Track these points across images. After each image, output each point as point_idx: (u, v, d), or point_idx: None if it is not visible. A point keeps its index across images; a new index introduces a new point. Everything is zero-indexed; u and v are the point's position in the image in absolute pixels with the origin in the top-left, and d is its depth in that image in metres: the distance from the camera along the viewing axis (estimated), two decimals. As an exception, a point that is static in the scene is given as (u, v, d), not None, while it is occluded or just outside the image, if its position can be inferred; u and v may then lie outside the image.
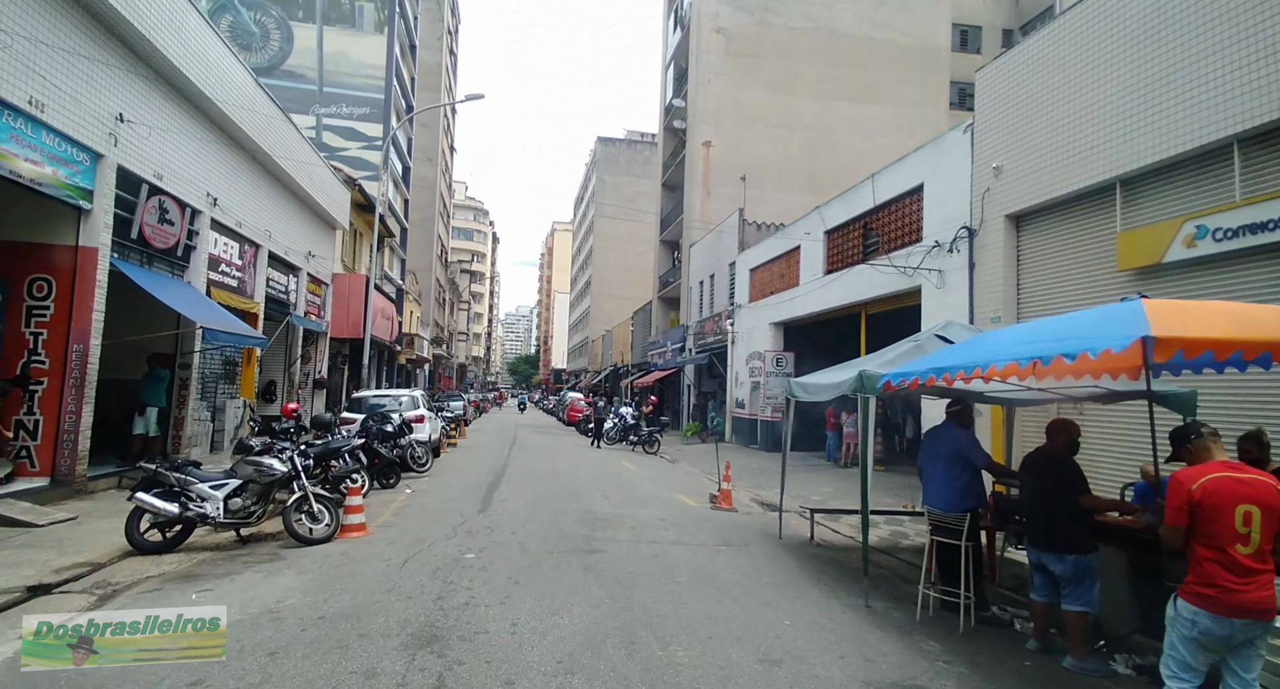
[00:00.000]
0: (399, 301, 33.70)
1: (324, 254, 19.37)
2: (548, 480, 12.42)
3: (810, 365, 22.34)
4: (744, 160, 30.65)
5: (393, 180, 30.96)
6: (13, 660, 3.80)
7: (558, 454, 18.19)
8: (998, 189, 10.96)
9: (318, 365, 19.98)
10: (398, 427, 12.18)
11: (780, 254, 19.88)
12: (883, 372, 5.84)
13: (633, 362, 43.15)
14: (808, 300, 17.78)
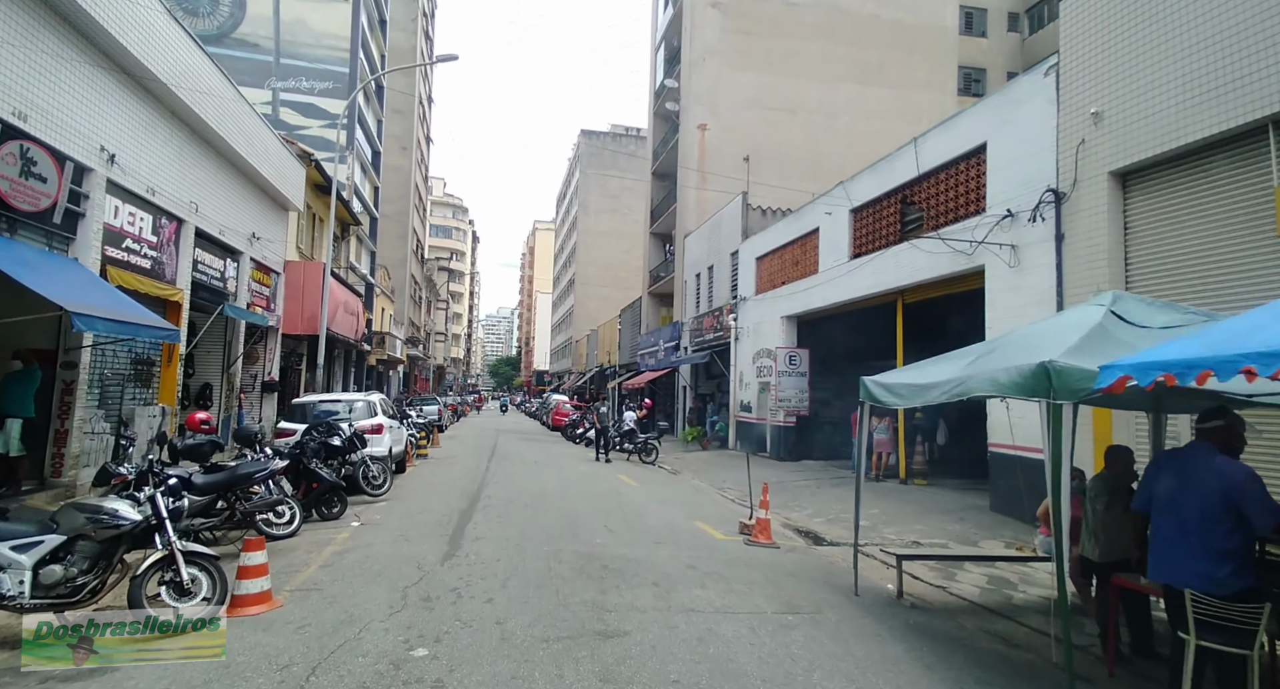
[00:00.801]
0: (368, 297, 31.12)
1: (273, 238, 16.85)
2: (535, 505, 10.07)
3: (830, 364, 20.18)
4: (742, 145, 28.51)
5: (360, 163, 28.39)
6: None
7: (544, 467, 15.82)
8: (1096, 141, 8.84)
9: (267, 366, 17.44)
10: (347, 440, 9.78)
11: (793, 239, 17.71)
12: (1086, 364, 3.61)
13: (620, 362, 40.84)
14: (828, 289, 15.61)
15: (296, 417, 10.74)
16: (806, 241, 17.04)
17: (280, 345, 18.07)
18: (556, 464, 16.66)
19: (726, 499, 12.35)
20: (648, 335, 33.90)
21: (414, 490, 11.17)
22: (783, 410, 17.65)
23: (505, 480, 12.79)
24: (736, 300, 21.40)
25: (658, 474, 15.94)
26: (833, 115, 29.37)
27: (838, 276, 15.13)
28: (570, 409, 33.57)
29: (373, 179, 31.26)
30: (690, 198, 28.61)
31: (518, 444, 22.99)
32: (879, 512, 10.72)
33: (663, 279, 33.02)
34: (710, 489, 13.55)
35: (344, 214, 23.58)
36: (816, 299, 16.18)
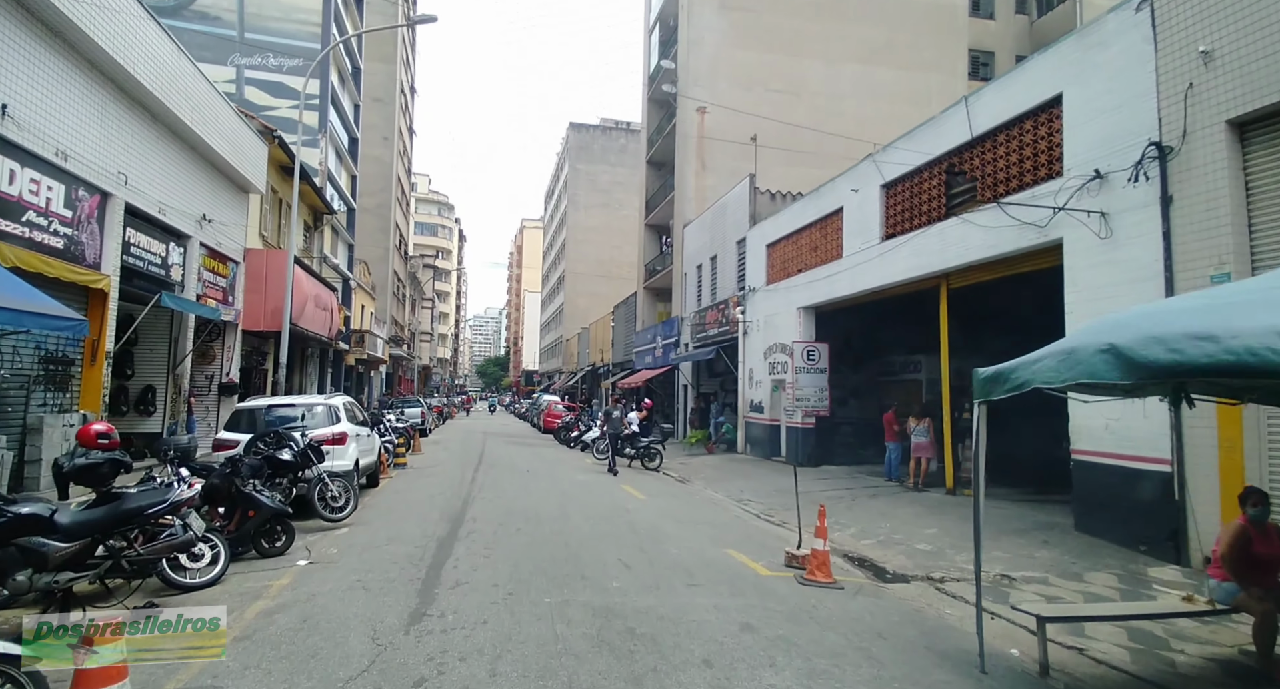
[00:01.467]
0: (346, 292, 29.19)
1: (230, 222, 14.98)
2: (530, 529, 8.32)
3: (852, 359, 17.83)
4: (744, 128, 26.82)
5: (335, 149, 26.46)
6: None
7: (538, 477, 14.06)
8: (1207, 85, 7.23)
9: (225, 366, 15.57)
10: (299, 453, 8.00)
11: (811, 222, 16.05)
12: None
13: (614, 360, 39.12)
14: (855, 276, 13.95)
15: (241, 425, 8.91)
16: (827, 224, 15.37)
17: (240, 343, 16.19)
18: (551, 473, 14.89)
19: (750, 515, 10.68)
20: (644, 332, 32.18)
21: (385, 511, 9.37)
22: (800, 411, 15.96)
23: (494, 495, 11.01)
24: (744, 292, 19.73)
25: (665, 484, 14.23)
26: (838, 98, 27.82)
27: (866, 261, 13.48)
28: (563, 410, 31.80)
29: (349, 167, 29.33)
30: (689, 185, 26.93)
31: (507, 449, 21.19)
32: (938, 531, 9.05)
33: (659, 273, 31.33)
34: (729, 502, 11.86)
35: (315, 201, 21.72)
36: (840, 287, 14.52)
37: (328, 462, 8.67)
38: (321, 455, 8.29)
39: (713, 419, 22.99)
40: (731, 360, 20.22)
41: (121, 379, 12.67)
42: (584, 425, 23.27)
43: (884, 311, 16.43)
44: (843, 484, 13.40)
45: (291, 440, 8.14)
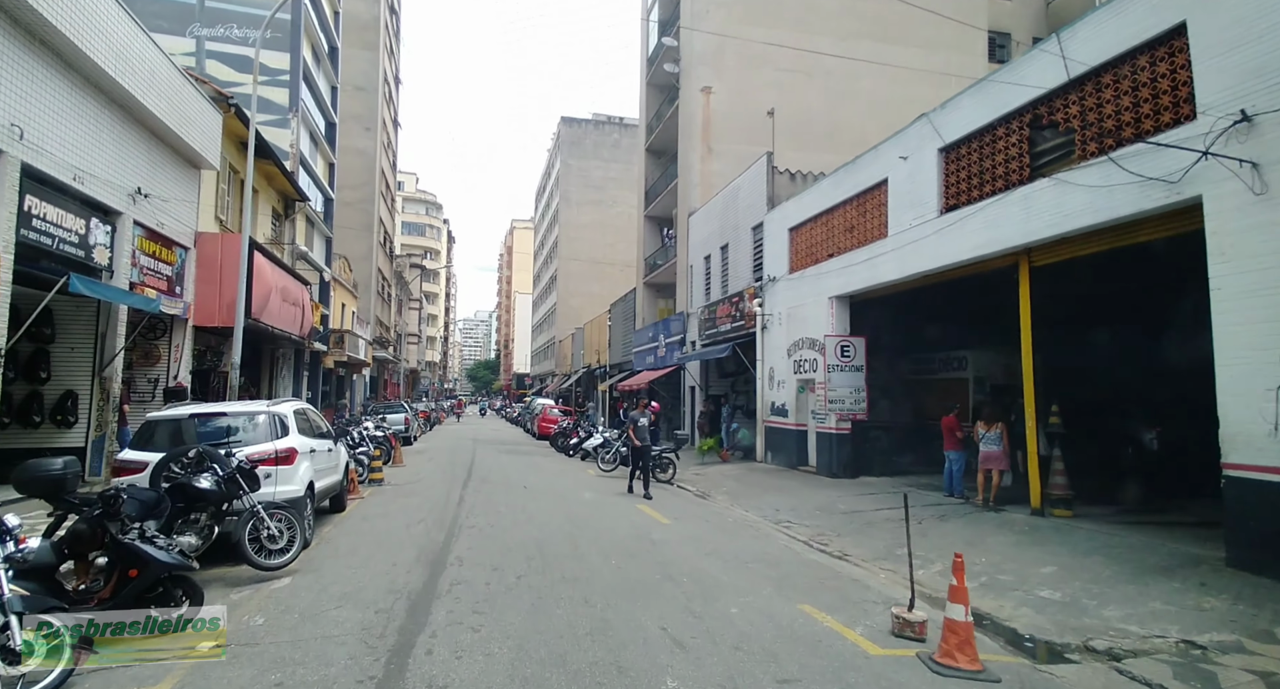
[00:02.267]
0: (324, 289, 27.02)
1: (175, 199, 12.86)
2: (536, 579, 6.28)
3: (887, 354, 15.55)
4: (752, 110, 24.92)
5: (309, 132, 24.32)
6: None
7: (538, 495, 12.00)
8: None
9: (173, 368, 13.44)
10: (224, 479, 5.94)
11: (845, 199, 14.11)
12: None
13: (611, 362, 37.08)
14: (904, 257, 12.02)
15: (154, 441, 6.80)
16: (866, 200, 13.44)
17: (192, 341, 14.06)
18: (552, 488, 12.85)
19: (799, 543, 8.71)
20: (644, 331, 30.17)
21: (345, 550, 7.30)
22: (834, 414, 14.04)
23: (486, 522, 8.96)
24: (762, 282, 17.77)
25: (684, 501, 12.23)
26: (853, 78, 25.97)
27: (919, 239, 11.54)
28: (559, 415, 29.78)
29: (326, 153, 27.20)
30: (693, 171, 24.99)
31: (500, 459, 19.11)
32: (1058, 569, 7.07)
33: (660, 267, 29.35)
34: (767, 525, 9.88)
35: (285, 186, 19.60)
36: (884, 271, 12.58)
37: (267, 488, 6.61)
38: (256, 481, 6.22)
39: (724, 423, 21.02)
40: (747, 358, 18.25)
41: (33, 383, 10.55)
42: (584, 431, 21.27)
43: (925, 301, 14.55)
44: (892, 501, 11.43)
45: (215, 462, 6.07)
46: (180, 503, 5.74)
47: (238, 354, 12.59)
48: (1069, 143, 9.06)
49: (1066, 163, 8.97)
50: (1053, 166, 9.16)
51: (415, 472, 15.28)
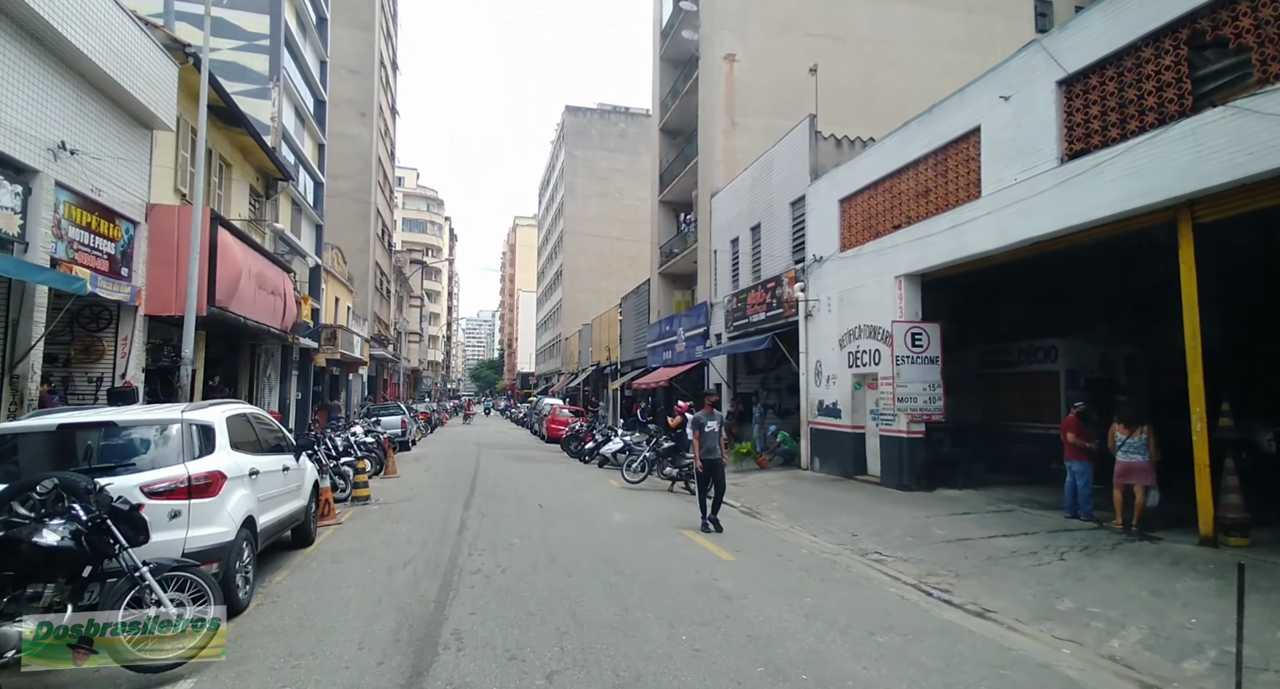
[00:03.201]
0: (314, 280, 24.88)
1: (117, 157, 10.68)
2: (572, 673, 4.07)
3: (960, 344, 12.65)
4: (779, 79, 22.76)
5: (294, 107, 22.14)
6: None
7: (558, 518, 9.78)
8: None
9: (122, 364, 11.29)
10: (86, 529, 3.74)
11: (919, 158, 11.87)
12: None
13: (622, 359, 34.88)
14: (1006, 220, 9.79)
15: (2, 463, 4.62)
16: (949, 155, 11.19)
17: (145, 332, 11.89)
18: (573, 507, 10.64)
19: (907, 585, 6.54)
20: (660, 324, 27.98)
21: (291, 619, 5.07)
22: (903, 415, 11.81)
23: (494, 565, 6.74)
24: (805, 264, 15.54)
25: (733, 521, 10.00)
26: (889, 43, 23.73)
27: (1030, 195, 9.31)
28: (569, 415, 27.60)
29: (315, 133, 25.04)
30: (716, 147, 22.76)
31: (507, 467, 16.92)
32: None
33: (677, 256, 27.13)
34: (850, 557, 7.69)
35: (265, 162, 17.43)
36: (976, 240, 10.34)
37: (171, 534, 4.43)
38: (141, 527, 4.04)
39: (756, 424, 18.81)
40: (789, 351, 16.02)
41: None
42: (600, 435, 19.08)
43: (1006, 280, 12.36)
44: (1002, 524, 9.21)
45: (80, 500, 3.89)
46: (8, 570, 3.56)
47: (189, 346, 10.44)
48: (1243, 63, 6.83)
49: (1243, 89, 6.75)
50: (1228, 93, 6.94)
51: (410, 485, 13.08)
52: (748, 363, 20.71)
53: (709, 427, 9.10)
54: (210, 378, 16.74)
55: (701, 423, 9.11)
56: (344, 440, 13.77)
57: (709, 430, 9.09)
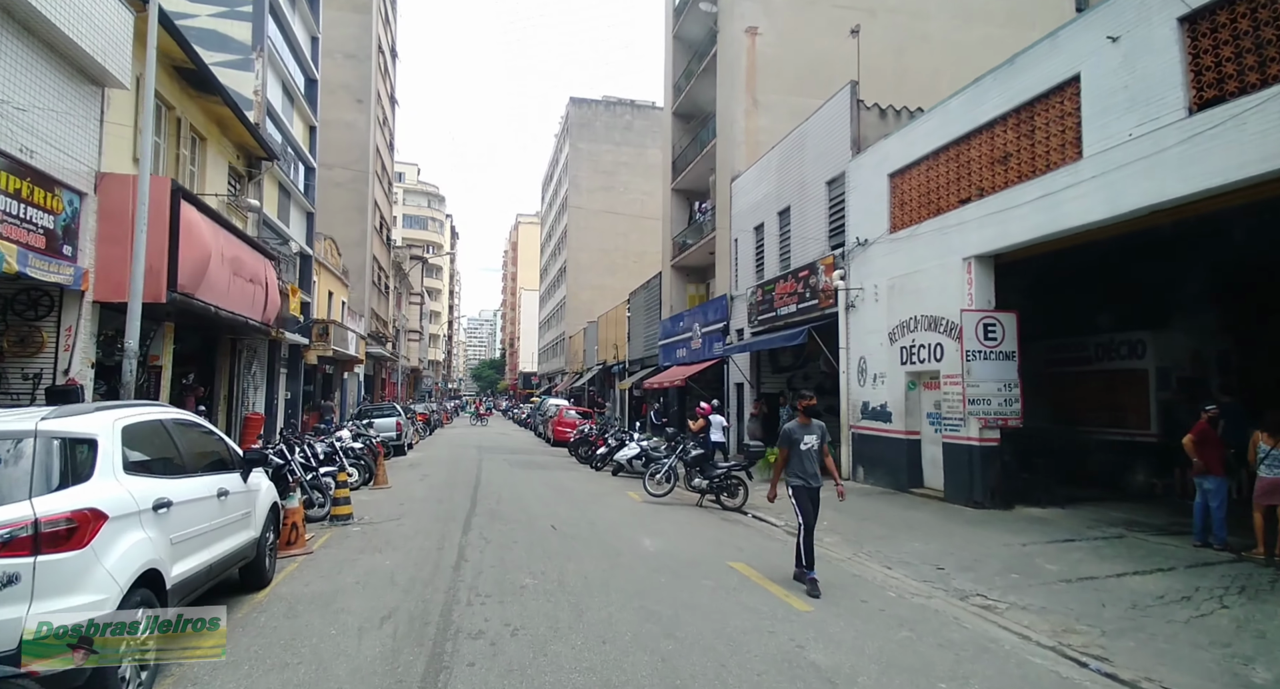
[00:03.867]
0: (304, 271, 23.26)
1: (53, 110, 9.04)
2: None
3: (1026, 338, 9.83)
4: (805, 55, 21.23)
5: (281, 82, 20.51)
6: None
7: (576, 546, 8.11)
8: None
9: (65, 358, 9.67)
10: None
11: (995, 118, 10.18)
12: None
13: (630, 357, 33.24)
14: (1119, 186, 8.13)
15: None
16: (1036, 112, 9.51)
17: (95, 321, 10.26)
18: (594, 529, 8.97)
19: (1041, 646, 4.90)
20: (672, 320, 26.33)
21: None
22: (975, 418, 10.15)
23: (501, 624, 5.03)
24: (846, 249, 13.89)
25: (782, 546, 8.39)
26: (921, 18, 22.11)
27: (1151, 153, 7.64)
28: (577, 417, 25.96)
29: (306, 114, 23.41)
30: (737, 128, 21.11)
31: (512, 475, 15.26)
32: None
33: (691, 247, 25.46)
34: (947, 601, 6.05)
35: (245, 137, 15.78)
36: (1076, 211, 8.66)
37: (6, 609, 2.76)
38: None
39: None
40: (827, 347, 14.36)
41: None
42: (614, 439, 17.41)
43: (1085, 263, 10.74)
44: (1121, 556, 7.55)
45: None
46: None
47: (133, 337, 8.78)
48: None
49: None
50: None
51: (402, 498, 11.43)
52: (772, 361, 19.05)
53: (806, 442, 6.42)
54: (183, 376, 15.12)
55: (795, 437, 6.44)
56: (327, 446, 12.13)
57: (806, 447, 6.42)
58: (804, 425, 6.58)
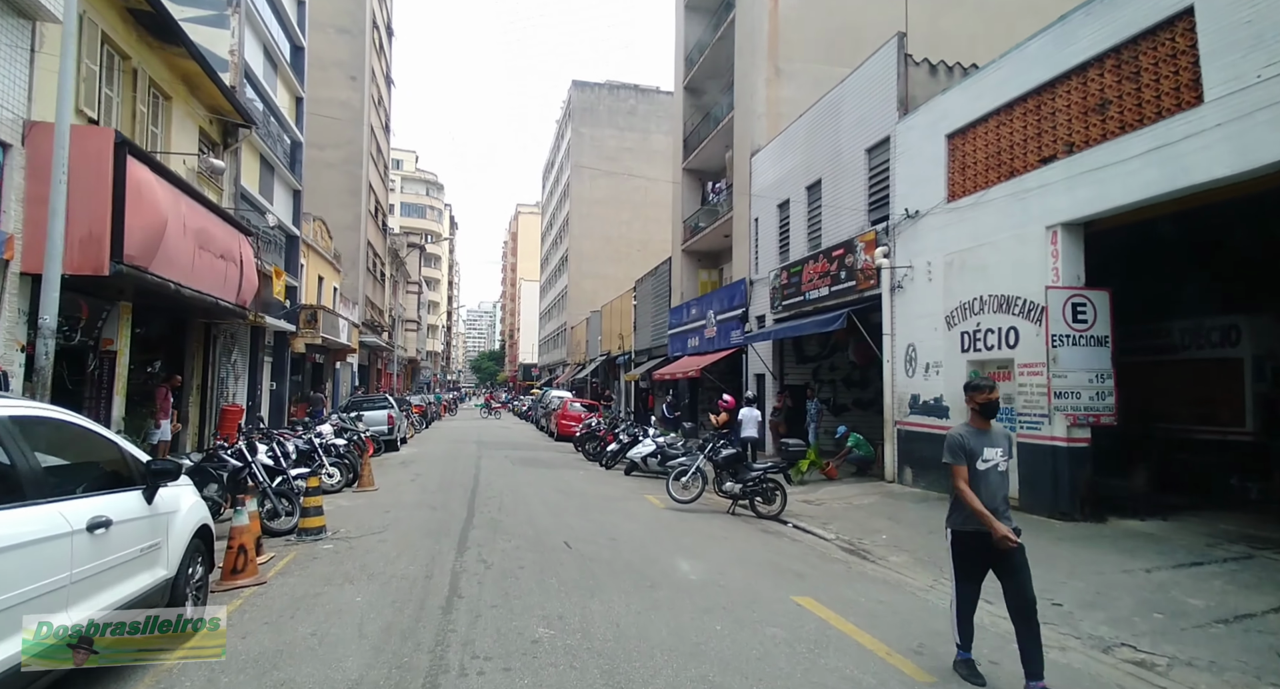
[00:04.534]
0: (291, 252, 21.70)
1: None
2: None
3: (1121, 325, 7.79)
4: (832, 19, 19.60)
5: (262, 45, 18.85)
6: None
7: (596, 571, 6.59)
8: None
9: (-16, 341, 8.16)
10: None
11: (1086, 61, 8.59)
12: None
13: (637, 347, 31.71)
14: (1250, 134, 6.60)
15: None
16: (1140, 51, 7.92)
17: (23, 297, 8.70)
18: (614, 546, 7.44)
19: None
20: (684, 307, 24.79)
21: None
22: (1063, 415, 8.63)
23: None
24: (891, 223, 12.34)
25: (838, 567, 6.90)
26: (959, -22, 20.42)
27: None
28: (582, 410, 24.46)
29: (291, 84, 21.74)
30: (757, 98, 19.48)
31: (515, 475, 13.73)
32: None
33: (704, 230, 23.87)
34: (1111, 666, 4.50)
35: (218, 98, 14.14)
36: (1201, 163, 7.10)
37: None
38: None
39: (811, 423, 15.65)
40: (873, 335, 12.81)
41: None
42: (626, 435, 15.91)
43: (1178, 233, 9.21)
44: (1263, 583, 6.05)
45: None
46: None
47: (49, 311, 7.22)
48: None
49: None
50: None
51: (388, 503, 9.90)
52: (797, 350, 17.52)
53: (987, 458, 4.18)
54: (148, 364, 13.59)
55: (970, 447, 4.20)
56: (305, 442, 10.60)
57: (988, 466, 4.18)
58: (980, 431, 4.26)
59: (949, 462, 4.30)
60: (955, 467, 4.26)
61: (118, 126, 11.16)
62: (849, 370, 17.04)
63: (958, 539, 4.33)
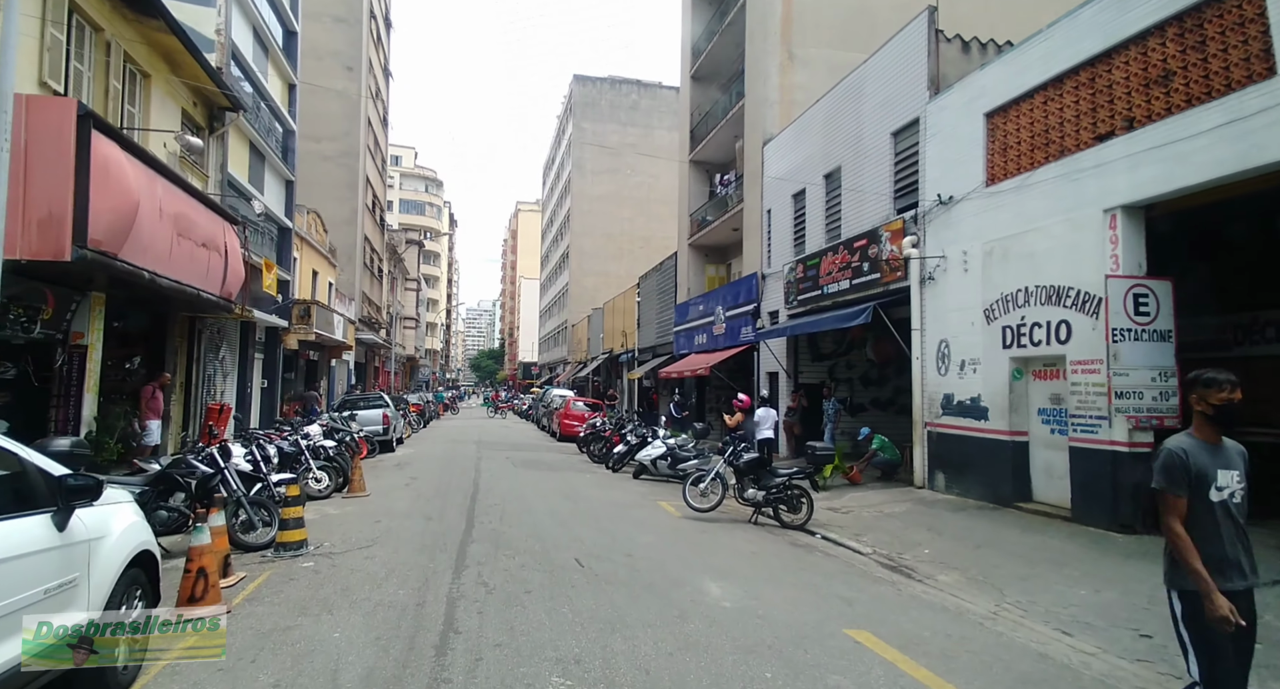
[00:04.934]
0: (283, 245, 20.87)
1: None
2: None
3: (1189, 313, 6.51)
4: (845, 3, 18.79)
5: (252, 26, 18.01)
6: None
7: (615, 597, 5.77)
8: None
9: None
10: None
11: (1146, 29, 7.76)
12: None
13: (641, 345, 30.89)
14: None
15: None
16: (1206, 18, 7.07)
17: None
18: (634, 568, 6.59)
19: None
20: (690, 304, 23.97)
21: None
22: (1124, 417, 7.82)
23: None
24: (921, 210, 11.52)
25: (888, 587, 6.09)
26: (979, -40, 19.55)
27: None
28: (585, 409, 23.64)
29: (284, 70, 20.88)
30: (770, 85, 18.66)
31: (517, 479, 12.91)
32: None
33: (712, 224, 23.05)
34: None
35: (201, 77, 13.29)
36: (1277, 139, 6.30)
37: None
38: None
39: (828, 424, 14.85)
40: (901, 330, 11.99)
41: None
42: (634, 436, 15.11)
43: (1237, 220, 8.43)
44: None
45: None
46: None
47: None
48: None
49: None
50: None
51: (379, 512, 9.07)
52: (812, 347, 16.70)
53: (1221, 483, 3.00)
54: (126, 360, 12.77)
55: (1196, 467, 3.01)
56: (288, 446, 9.78)
57: (1222, 496, 2.99)
58: (1210, 446, 3.08)
59: (1162, 488, 3.02)
60: (1170, 497, 2.97)
61: (90, 103, 10.34)
62: (866, 368, 16.24)
63: (1190, 603, 2.94)
